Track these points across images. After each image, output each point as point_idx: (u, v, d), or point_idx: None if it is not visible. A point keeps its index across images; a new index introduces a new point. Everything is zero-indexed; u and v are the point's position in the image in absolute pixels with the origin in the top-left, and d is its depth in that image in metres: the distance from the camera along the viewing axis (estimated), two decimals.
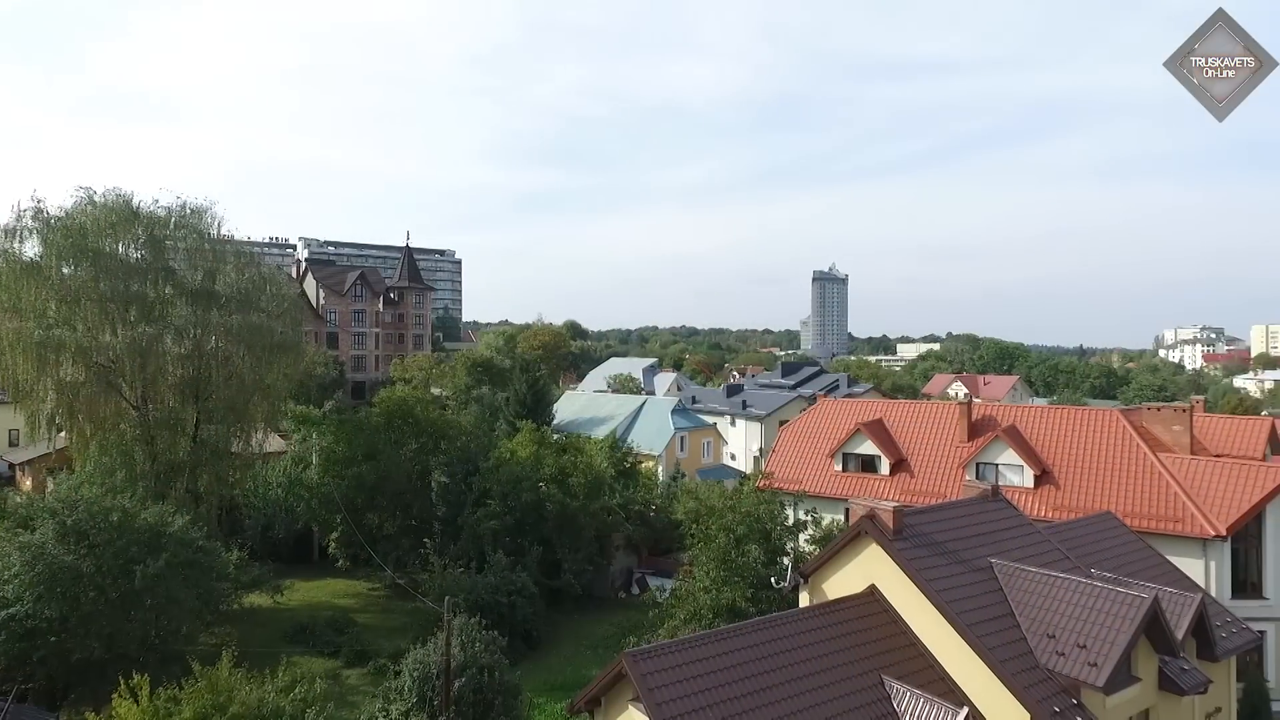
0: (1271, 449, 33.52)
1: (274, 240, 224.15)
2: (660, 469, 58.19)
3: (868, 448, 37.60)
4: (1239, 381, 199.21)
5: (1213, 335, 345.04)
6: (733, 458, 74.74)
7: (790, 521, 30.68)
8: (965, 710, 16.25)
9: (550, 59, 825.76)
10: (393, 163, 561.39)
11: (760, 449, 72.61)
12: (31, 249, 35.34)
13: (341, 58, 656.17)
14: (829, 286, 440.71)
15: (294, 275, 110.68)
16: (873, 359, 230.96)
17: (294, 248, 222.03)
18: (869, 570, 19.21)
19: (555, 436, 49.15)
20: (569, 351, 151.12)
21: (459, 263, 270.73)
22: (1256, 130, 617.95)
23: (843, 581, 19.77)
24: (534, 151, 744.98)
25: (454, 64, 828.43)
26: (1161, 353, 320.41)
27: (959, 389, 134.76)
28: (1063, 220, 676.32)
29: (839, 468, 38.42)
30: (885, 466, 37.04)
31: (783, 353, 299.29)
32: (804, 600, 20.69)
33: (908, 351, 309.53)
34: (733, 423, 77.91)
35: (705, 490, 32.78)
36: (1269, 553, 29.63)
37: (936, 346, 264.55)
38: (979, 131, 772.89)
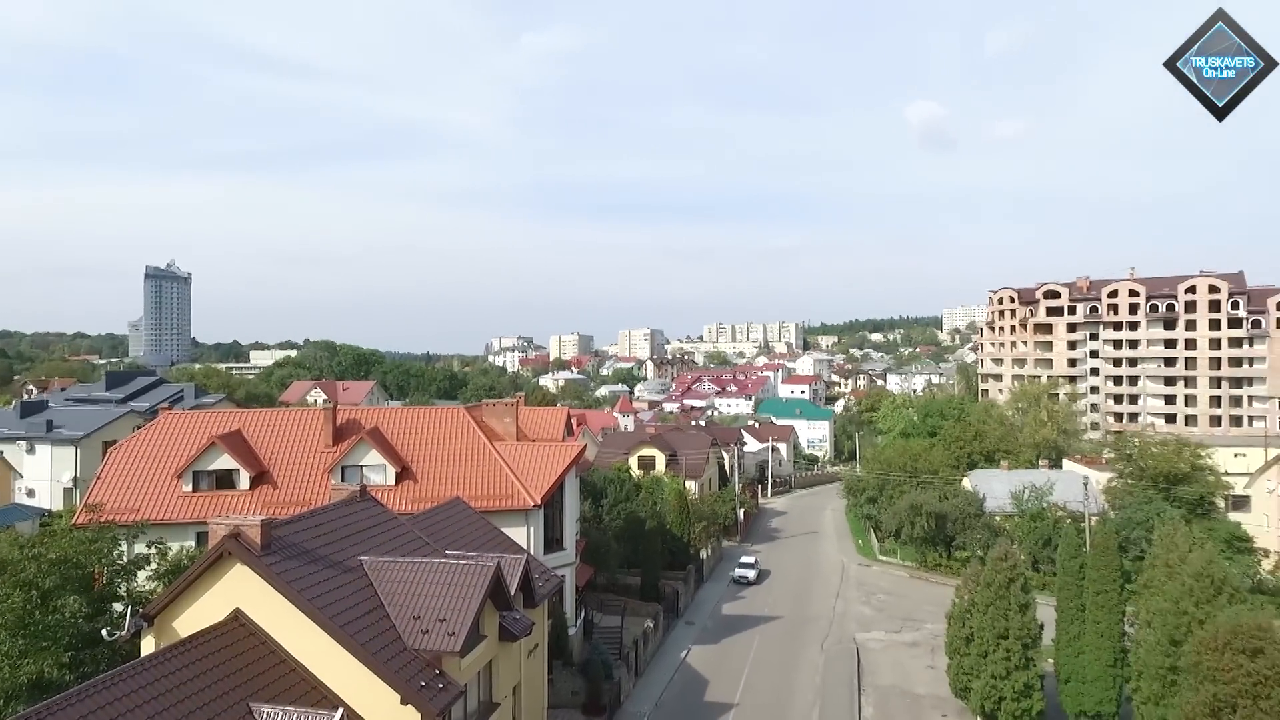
0: (568, 431, 43.00)
1: None
2: None
3: (225, 462, 34.33)
4: (543, 380, 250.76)
5: (525, 343, 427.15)
6: (31, 494, 59.11)
7: (126, 559, 25.84)
8: (340, 711, 16.21)
9: None
10: None
11: (76, 478, 59.18)
12: None
13: None
14: (167, 285, 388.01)
15: None
16: (222, 367, 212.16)
17: None
18: (234, 594, 17.51)
19: None
20: None
21: None
22: (546, 178, 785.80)
23: (201, 613, 17.53)
24: None
25: None
26: (491, 358, 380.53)
27: (318, 395, 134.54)
28: (413, 235, 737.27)
29: (189, 488, 34.08)
30: (245, 480, 34.42)
31: (104, 361, 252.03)
32: (149, 647, 17.63)
33: (263, 358, 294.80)
34: (31, 449, 61.53)
35: None
36: (567, 513, 37.97)
37: (294, 353, 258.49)
38: (341, 140, 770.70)
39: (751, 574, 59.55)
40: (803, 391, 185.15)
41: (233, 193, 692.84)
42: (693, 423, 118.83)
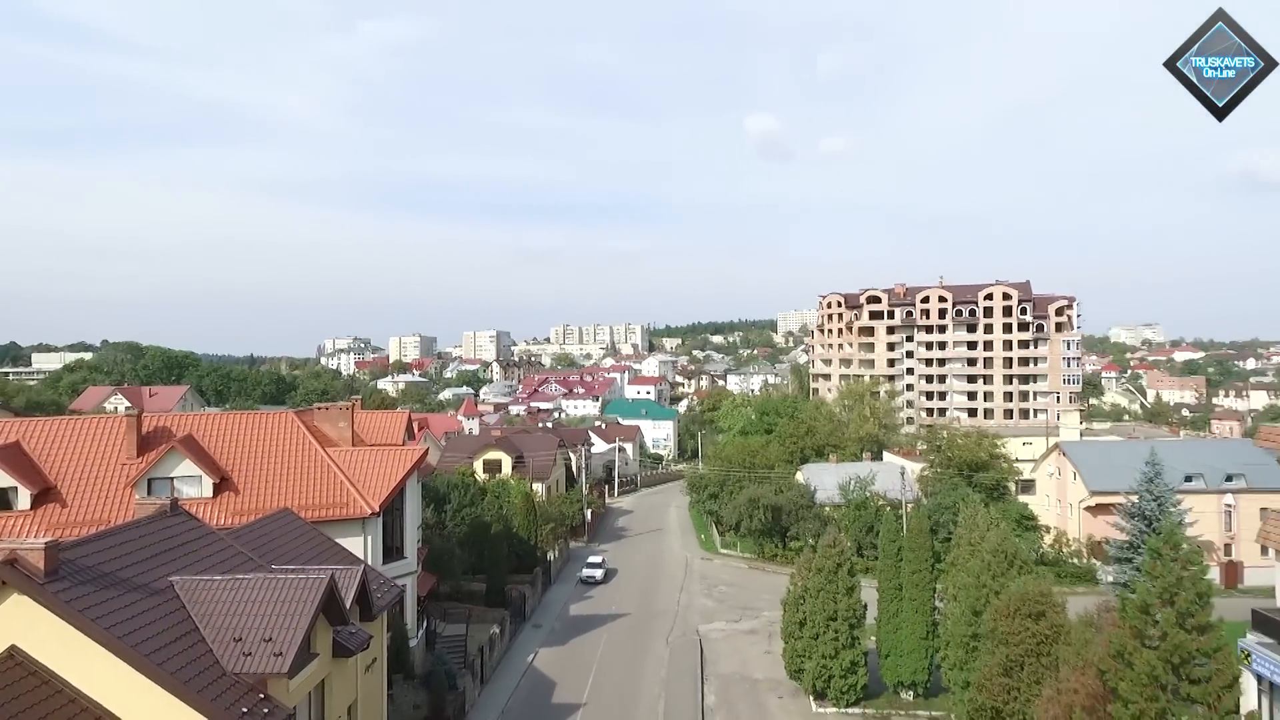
0: (409, 435, 41.29)
1: None
2: None
3: None
4: (382, 384, 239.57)
5: (362, 345, 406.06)
6: None
7: None
8: None
9: None
10: None
11: None
12: None
13: None
14: None
15: None
16: None
17: None
18: (9, 630, 15.25)
19: None
20: None
21: None
22: (387, 173, 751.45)
23: None
24: None
25: None
26: (323, 360, 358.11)
27: (120, 402, 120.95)
28: (236, 228, 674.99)
29: None
30: (26, 499, 30.17)
31: None
32: None
33: (48, 362, 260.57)
34: None
35: None
36: (408, 520, 36.43)
37: (89, 356, 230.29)
38: (148, 122, 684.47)
39: (599, 573, 59.90)
40: (648, 392, 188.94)
41: (11, 175, 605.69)
42: (540, 425, 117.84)
